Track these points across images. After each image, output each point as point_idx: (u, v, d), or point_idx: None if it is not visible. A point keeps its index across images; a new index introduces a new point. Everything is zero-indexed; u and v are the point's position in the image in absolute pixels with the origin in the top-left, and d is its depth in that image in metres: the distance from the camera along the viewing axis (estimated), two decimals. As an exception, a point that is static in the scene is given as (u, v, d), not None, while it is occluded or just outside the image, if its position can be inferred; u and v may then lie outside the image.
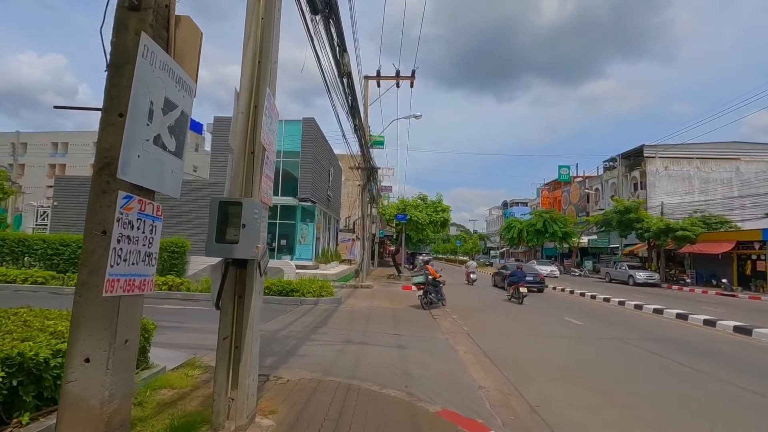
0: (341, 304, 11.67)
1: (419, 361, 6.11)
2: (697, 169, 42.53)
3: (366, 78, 19.37)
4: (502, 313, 12.10)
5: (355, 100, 12.77)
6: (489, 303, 14.75)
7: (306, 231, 21.82)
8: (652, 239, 28.65)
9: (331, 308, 10.83)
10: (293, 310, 10.26)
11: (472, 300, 15.58)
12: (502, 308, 13.30)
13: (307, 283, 11.73)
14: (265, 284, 10.82)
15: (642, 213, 28.62)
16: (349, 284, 17.97)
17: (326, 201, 26.60)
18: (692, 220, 26.37)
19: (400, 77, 18.90)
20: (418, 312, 11.31)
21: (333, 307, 11.08)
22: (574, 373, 6.14)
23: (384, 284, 19.49)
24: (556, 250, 52.27)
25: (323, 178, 25.48)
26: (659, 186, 41.12)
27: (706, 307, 14.90)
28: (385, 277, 23.49)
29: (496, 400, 4.82)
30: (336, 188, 31.72)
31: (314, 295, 11.48)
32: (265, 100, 3.40)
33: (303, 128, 22.20)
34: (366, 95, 19.51)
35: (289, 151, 22.51)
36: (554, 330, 9.69)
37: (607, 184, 48.32)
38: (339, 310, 10.59)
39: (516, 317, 11.42)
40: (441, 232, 23.36)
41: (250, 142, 3.44)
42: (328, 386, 4.50)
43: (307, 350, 6.37)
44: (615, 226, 30.53)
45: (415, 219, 20.31)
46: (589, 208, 51.39)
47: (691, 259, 29.51)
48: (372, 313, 10.58)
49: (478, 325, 9.86)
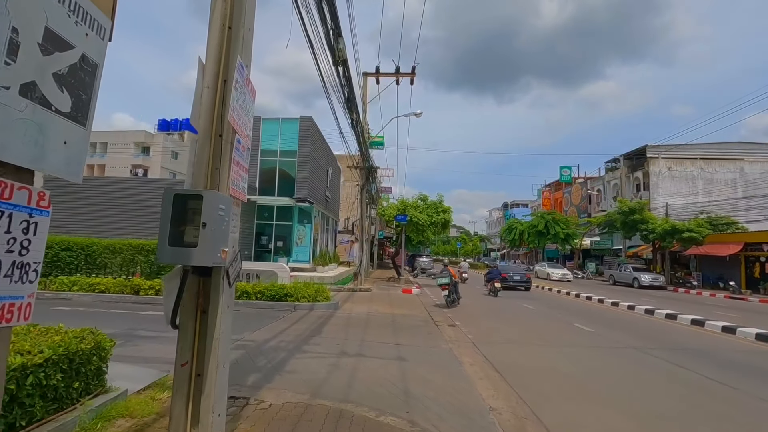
0: (338, 310, 11.04)
1: (421, 377, 5.49)
2: (700, 169, 41.99)
3: (365, 75, 18.78)
4: (507, 319, 11.48)
5: (352, 92, 12.17)
6: (489, 306, 14.12)
7: (303, 232, 21.20)
8: (657, 241, 28.04)
9: (326, 314, 10.20)
10: (286, 316, 9.63)
11: (475, 301, 14.97)
12: (505, 313, 12.69)
13: (302, 287, 11.11)
14: (257, 289, 10.21)
15: (647, 214, 28.02)
16: (347, 287, 17.35)
17: (324, 202, 25.98)
18: (699, 221, 25.77)
19: (399, 74, 18.30)
20: (420, 318, 10.69)
21: (329, 312, 10.45)
22: (592, 389, 5.52)
23: (383, 287, 18.87)
24: (558, 252, 51.63)
25: (321, 178, 24.86)
26: (662, 187, 40.59)
27: (719, 312, 14.28)
28: (384, 280, 22.86)
29: (510, 425, 4.20)
30: (334, 189, 31.11)
31: (309, 300, 10.85)
32: (236, 72, 2.79)
33: (300, 127, 21.60)
34: (365, 93, 18.91)
35: (286, 150, 21.91)
36: (565, 338, 9.07)
37: (609, 185, 47.78)
38: (335, 317, 9.96)
39: (523, 323, 10.80)
40: (442, 233, 22.75)
41: (218, 123, 2.82)
42: (316, 412, 3.87)
43: (296, 365, 5.74)
44: (619, 227, 29.92)
45: (415, 220, 19.69)
46: (591, 209, 50.80)
47: (697, 261, 28.90)
48: (370, 319, 9.96)
49: (483, 333, 9.24)
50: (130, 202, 19.04)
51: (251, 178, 21.34)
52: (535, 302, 15.80)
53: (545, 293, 20.74)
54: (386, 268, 37.20)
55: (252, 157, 22.62)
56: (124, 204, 19.01)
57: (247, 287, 10.67)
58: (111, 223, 18.54)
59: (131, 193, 19.49)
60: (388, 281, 22.20)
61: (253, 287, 10.68)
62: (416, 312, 11.71)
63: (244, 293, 10.64)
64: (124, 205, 18.99)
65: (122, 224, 18.40)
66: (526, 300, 16.56)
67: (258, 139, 21.82)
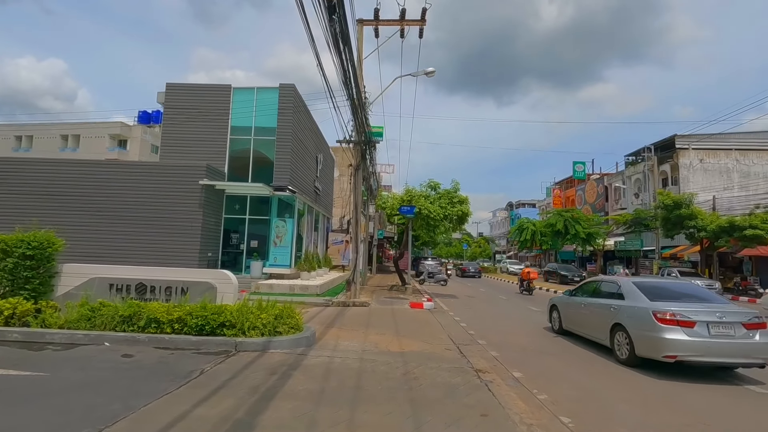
0: (312, 348, 6.68)
1: None
2: (736, 161, 37.84)
3: (360, 22, 14.48)
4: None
5: (344, 19, 7.84)
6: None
7: (283, 229, 16.83)
8: (706, 240, 23.76)
9: (288, 361, 5.84)
10: (210, 369, 5.26)
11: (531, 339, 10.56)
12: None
13: (254, 311, 6.74)
14: (175, 315, 5.88)
15: (695, 209, 23.71)
16: (337, 300, 13.01)
17: (313, 194, 21.61)
18: (763, 216, 21.45)
19: (405, 21, 14.03)
20: (448, 361, 6.32)
21: (293, 357, 6.08)
22: None
23: (385, 300, 14.51)
24: (574, 254, 47.30)
25: (308, 165, 20.51)
26: (693, 181, 36.42)
27: None
28: (386, 289, 18.47)
29: None
30: (327, 181, 26.76)
31: (264, 333, 6.50)
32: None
33: (280, 97, 17.26)
34: (360, 48, 14.57)
35: (263, 127, 17.55)
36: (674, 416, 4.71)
37: (630, 180, 43.61)
38: (302, 368, 5.59)
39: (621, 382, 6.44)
40: (458, 229, 18.35)
41: None
42: None
43: None
44: (660, 224, 25.63)
45: (425, 212, 15.30)
46: (609, 207, 46.64)
47: (753, 264, 24.64)
48: (364, 371, 5.60)
49: (584, 405, 4.90)
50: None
51: (218, 161, 16.97)
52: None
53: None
54: (386, 272, 32.77)
55: (219, 134, 18.16)
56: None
57: (160, 311, 6.31)
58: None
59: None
60: (390, 290, 17.83)
61: (169, 311, 6.31)
62: (438, 347, 7.37)
63: (153, 322, 6.28)
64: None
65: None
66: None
67: (228, 112, 17.51)
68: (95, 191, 14.92)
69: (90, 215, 14.68)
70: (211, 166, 15.73)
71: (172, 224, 14.76)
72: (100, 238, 14.48)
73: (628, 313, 6.88)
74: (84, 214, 14.63)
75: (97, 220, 14.67)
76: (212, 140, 17.23)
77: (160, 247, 14.53)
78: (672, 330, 6.11)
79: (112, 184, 15.02)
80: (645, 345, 6.43)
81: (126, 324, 6.40)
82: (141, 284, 7.15)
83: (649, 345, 6.35)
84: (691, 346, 5.99)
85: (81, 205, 14.73)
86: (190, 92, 17.73)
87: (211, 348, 6.11)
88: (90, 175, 15.18)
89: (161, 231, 14.69)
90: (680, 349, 6.01)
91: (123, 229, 14.65)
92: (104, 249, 14.17)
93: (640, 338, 6.53)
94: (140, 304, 6.59)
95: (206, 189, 15.23)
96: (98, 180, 15.06)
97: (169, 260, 13.85)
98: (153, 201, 14.89)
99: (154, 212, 14.81)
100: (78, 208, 14.69)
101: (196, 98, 17.49)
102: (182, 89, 17.80)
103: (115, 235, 14.61)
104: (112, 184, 15.03)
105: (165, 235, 14.68)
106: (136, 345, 6.13)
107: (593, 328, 7.94)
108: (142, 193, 14.94)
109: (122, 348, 6.02)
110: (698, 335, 6.03)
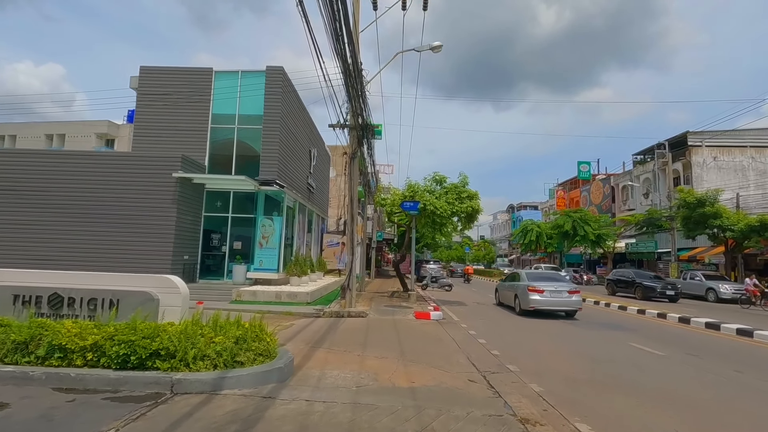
0: (285, 384, 4.76)
1: None
2: (751, 159, 36.16)
3: (355, -12, 12.65)
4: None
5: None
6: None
7: (270, 228, 14.93)
8: (731, 240, 21.96)
9: (243, 412, 3.92)
10: (120, 430, 3.35)
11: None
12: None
13: (206, 333, 4.84)
14: (88, 341, 3.99)
15: (720, 207, 21.90)
16: (330, 309, 11.10)
17: (306, 192, 19.74)
18: (797, 215, 19.65)
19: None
20: (477, 404, 4.43)
21: (253, 404, 4.16)
22: None
23: (385, 308, 12.61)
24: (581, 257, 45.46)
25: (300, 159, 18.65)
26: (707, 179, 34.64)
27: None
28: (386, 296, 16.55)
29: None
30: (322, 178, 24.88)
31: (215, 364, 4.59)
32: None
33: (267, 82, 15.41)
34: (356, 19, 12.75)
35: (248, 115, 15.71)
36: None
37: (639, 180, 41.83)
38: (262, 425, 3.68)
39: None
40: (468, 227, 16.47)
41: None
42: None
43: None
44: (680, 224, 23.81)
45: (431, 208, 13.41)
46: (616, 208, 44.90)
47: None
48: (359, 429, 3.69)
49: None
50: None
51: (197, 152, 15.10)
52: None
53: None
54: (386, 277, 30.84)
55: (199, 123, 16.03)
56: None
57: (68, 334, 4.40)
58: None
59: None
60: (391, 297, 15.91)
61: (82, 334, 4.41)
62: (459, 377, 5.47)
63: (58, 350, 4.38)
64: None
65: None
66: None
67: (209, 98, 15.67)
68: (50, 185, 13.02)
69: (42, 212, 12.77)
70: (187, 157, 13.86)
71: (140, 222, 12.87)
72: (54, 238, 12.59)
73: (520, 289, 12.84)
74: (35, 210, 12.72)
75: (50, 218, 12.76)
76: (191, 129, 15.36)
77: (127, 249, 12.64)
78: (534, 294, 12.11)
79: (71, 177, 13.12)
80: (523, 303, 12.45)
81: (21, 353, 4.50)
82: (56, 295, 5.26)
83: (525, 303, 12.36)
84: (541, 302, 12.04)
85: (31, 201, 12.82)
86: (166, 76, 15.84)
87: (135, 389, 4.21)
88: (44, 167, 13.27)
89: (128, 231, 12.79)
90: (536, 303, 12.06)
91: (83, 228, 12.75)
92: (58, 252, 12.29)
93: (522, 300, 12.56)
94: (44, 323, 4.69)
95: (181, 183, 13.36)
96: (54, 173, 13.16)
97: (138, 265, 11.98)
98: (119, 196, 13.01)
99: (120, 209, 12.92)
100: (28, 204, 12.78)
101: (173, 83, 15.62)
102: (158, 72, 15.90)
103: (74, 235, 12.71)
104: (72, 177, 13.13)
105: (132, 235, 12.79)
106: (26, 386, 4.22)
107: (508, 299, 14.14)
108: (106, 187, 13.05)
109: (4, 391, 4.12)
110: (545, 296, 12.03)
